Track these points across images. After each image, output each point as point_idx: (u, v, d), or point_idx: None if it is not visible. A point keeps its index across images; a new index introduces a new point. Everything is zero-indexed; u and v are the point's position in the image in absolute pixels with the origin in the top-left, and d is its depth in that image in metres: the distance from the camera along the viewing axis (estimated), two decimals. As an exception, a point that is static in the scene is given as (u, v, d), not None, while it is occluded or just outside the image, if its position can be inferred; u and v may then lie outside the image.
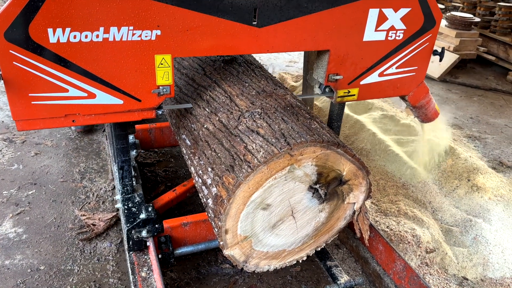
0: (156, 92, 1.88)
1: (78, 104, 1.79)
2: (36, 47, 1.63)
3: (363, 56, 2.19)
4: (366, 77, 2.25)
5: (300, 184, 1.84)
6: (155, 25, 1.77)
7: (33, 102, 1.72)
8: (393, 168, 3.57)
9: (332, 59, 2.13)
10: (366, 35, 2.15)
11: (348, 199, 1.99)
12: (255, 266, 1.99)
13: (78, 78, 1.74)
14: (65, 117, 1.80)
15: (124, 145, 2.20)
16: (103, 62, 1.74)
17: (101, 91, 1.80)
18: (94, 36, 1.69)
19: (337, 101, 2.27)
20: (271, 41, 2.01)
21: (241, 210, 1.77)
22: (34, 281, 2.41)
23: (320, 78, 2.22)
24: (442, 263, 2.72)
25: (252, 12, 1.90)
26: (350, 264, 2.63)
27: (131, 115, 1.92)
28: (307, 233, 2.01)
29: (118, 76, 1.79)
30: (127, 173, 2.29)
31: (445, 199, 3.26)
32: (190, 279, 2.49)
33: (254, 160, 1.71)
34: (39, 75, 1.68)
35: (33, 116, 1.75)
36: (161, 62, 1.84)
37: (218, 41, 1.91)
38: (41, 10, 1.57)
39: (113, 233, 2.81)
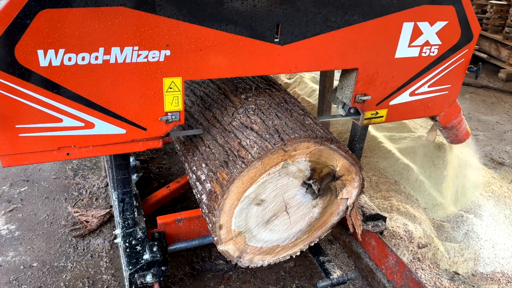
0: (164, 119, 1.70)
1: (74, 135, 1.60)
2: (23, 72, 1.42)
3: (394, 74, 2.02)
4: (396, 97, 2.08)
5: (293, 179, 1.84)
6: (164, 44, 1.57)
7: (21, 134, 1.51)
8: (386, 165, 3.59)
9: (360, 78, 1.95)
10: (399, 52, 1.99)
11: (341, 194, 2.00)
12: (249, 261, 2.00)
13: (73, 106, 1.54)
14: (58, 151, 1.61)
15: (126, 176, 2.00)
16: (103, 88, 1.55)
17: (100, 120, 1.60)
18: (92, 58, 1.49)
19: (363, 124, 2.09)
20: (295, 60, 1.82)
21: (235, 206, 1.78)
22: (27, 278, 2.40)
23: (345, 98, 2.03)
24: (434, 258, 2.75)
25: (274, 28, 1.72)
26: (343, 259, 2.65)
27: (135, 146, 1.73)
28: (301, 228, 2.02)
29: (121, 103, 1.60)
30: (129, 206, 2.10)
31: (437, 195, 3.29)
32: (184, 275, 2.49)
33: (248, 155, 1.72)
34: (28, 104, 1.47)
35: (20, 150, 1.54)
36: (170, 86, 1.65)
37: (235, 61, 1.72)
38: (29, 29, 1.37)
39: (106, 230, 2.81)
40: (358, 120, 2.10)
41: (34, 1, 1.34)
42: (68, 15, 1.39)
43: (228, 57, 1.70)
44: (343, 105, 2.08)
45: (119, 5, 1.45)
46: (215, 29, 1.63)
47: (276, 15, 1.70)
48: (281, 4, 1.69)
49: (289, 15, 1.72)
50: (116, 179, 1.99)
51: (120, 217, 2.12)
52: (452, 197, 3.21)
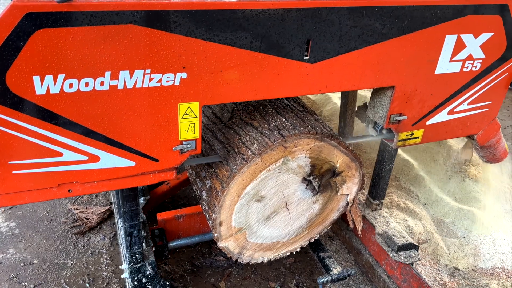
0: (179, 148, 1.53)
1: (76, 170, 1.43)
2: (16, 102, 1.24)
3: (432, 92, 1.86)
4: (434, 116, 1.92)
5: (294, 176, 1.84)
6: (180, 66, 1.39)
7: (15, 171, 1.33)
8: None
9: (396, 97, 1.79)
10: (439, 67, 1.82)
11: (341, 190, 2.00)
12: (250, 257, 2.00)
13: (75, 138, 1.37)
14: (58, 188, 1.44)
15: (134, 208, 1.84)
16: (109, 117, 1.37)
17: (106, 152, 1.43)
18: (97, 84, 1.30)
19: (397, 146, 1.94)
20: (325, 80, 1.64)
21: (235, 202, 1.77)
22: (28, 275, 2.40)
23: (378, 118, 1.86)
24: (434, 253, 2.75)
25: (304, 44, 1.54)
26: (343, 255, 2.66)
27: (145, 179, 1.56)
28: (301, 224, 2.02)
29: (130, 133, 1.43)
30: (137, 239, 1.92)
31: (437, 190, 3.29)
32: (184, 272, 2.49)
33: (248, 152, 1.72)
34: (22, 137, 1.29)
35: (14, 189, 1.37)
36: (186, 112, 1.48)
37: (259, 83, 1.54)
38: (22, 53, 1.18)
39: (107, 227, 2.81)
40: (390, 141, 1.95)
41: (28, 20, 1.15)
42: (68, 35, 1.21)
43: (251, 79, 1.52)
44: (374, 124, 1.94)
45: (128, 23, 1.27)
46: (238, 47, 1.45)
47: (307, 30, 1.51)
48: (313, 17, 1.50)
49: (322, 30, 1.54)
50: (123, 211, 1.84)
51: (127, 251, 1.95)
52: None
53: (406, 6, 1.63)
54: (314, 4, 1.48)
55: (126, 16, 1.26)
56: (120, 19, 1.26)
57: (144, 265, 1.96)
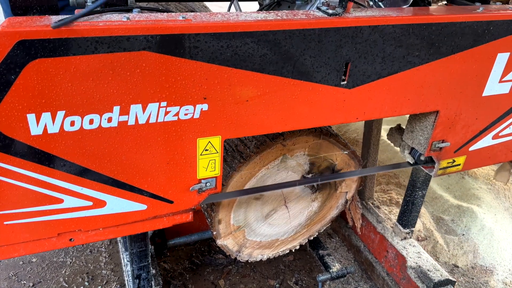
0: (196, 188, 1.37)
1: (78, 217, 1.27)
2: (7, 144, 1.07)
3: (478, 116, 1.69)
4: (477, 142, 1.77)
5: (292, 173, 1.84)
6: (201, 97, 1.22)
7: (7, 222, 1.17)
8: (384, 158, 3.58)
9: (440, 123, 1.62)
10: (487, 89, 1.65)
11: (340, 188, 2.00)
12: (249, 255, 1.99)
13: (77, 182, 1.20)
14: (58, 237, 1.28)
15: (143, 248, 1.69)
16: (118, 156, 1.21)
17: (114, 196, 1.27)
18: (104, 121, 1.13)
19: (438, 175, 1.77)
20: (364, 106, 1.47)
21: (234, 201, 1.77)
22: (27, 273, 2.40)
23: (417, 145, 1.71)
24: (433, 251, 2.75)
25: (343, 68, 1.36)
26: (342, 253, 2.66)
27: (158, 223, 1.40)
28: (300, 222, 2.02)
29: (141, 173, 1.27)
30: (145, 282, 1.78)
31: (437, 187, 3.29)
32: (184, 269, 2.49)
33: (246, 150, 1.71)
34: (14, 184, 1.13)
35: (7, 241, 1.21)
36: (205, 148, 1.31)
37: (289, 112, 1.37)
38: (14, 87, 1.01)
39: (106, 225, 2.81)
40: (429, 169, 1.79)
41: (21, 49, 0.98)
42: (69, 66, 1.04)
43: (281, 108, 1.35)
44: (411, 150, 1.78)
45: (141, 49, 1.09)
46: (267, 73, 1.27)
47: (346, 52, 1.34)
48: (353, 37, 1.32)
49: (363, 51, 1.36)
50: (131, 253, 1.69)
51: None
52: None
53: (457, 23, 1.45)
54: (355, 22, 1.31)
55: (139, 41, 1.08)
56: (132, 45, 1.08)
57: None
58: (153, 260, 2.10)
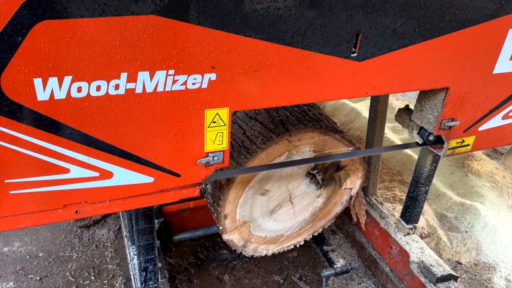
0: (204, 161, 1.35)
1: (85, 188, 1.25)
2: (14, 110, 1.05)
3: (488, 94, 1.67)
4: (487, 121, 1.75)
5: (298, 169, 1.85)
6: (209, 65, 1.19)
7: (13, 191, 1.15)
8: (388, 155, 3.60)
9: (450, 100, 1.60)
10: (498, 66, 1.62)
11: (345, 184, 2.01)
12: (254, 250, 2.01)
13: (84, 152, 1.18)
14: (64, 209, 1.26)
15: (150, 241, 1.71)
16: (125, 126, 1.18)
17: (121, 167, 1.25)
18: (111, 88, 1.11)
19: (447, 155, 1.75)
20: (374, 80, 1.45)
21: (240, 196, 1.79)
22: (33, 267, 2.43)
23: (427, 124, 1.69)
24: (436, 248, 2.77)
25: (353, 39, 1.33)
26: (346, 249, 2.67)
27: (165, 196, 1.38)
28: (305, 218, 2.04)
29: (148, 145, 1.25)
30: (152, 274, 1.80)
31: (440, 185, 3.30)
32: (189, 265, 2.51)
33: (252, 146, 1.73)
34: (21, 152, 1.10)
35: (13, 212, 1.19)
36: (213, 120, 1.29)
37: (299, 84, 1.34)
38: (20, 50, 0.98)
39: (111, 220, 2.83)
40: (439, 150, 1.76)
41: (27, 10, 0.95)
42: (77, 28, 1.01)
43: (290, 80, 1.32)
44: (420, 130, 1.76)
45: (149, 13, 1.06)
46: (276, 43, 1.24)
47: (357, 22, 1.31)
48: (365, 7, 1.30)
49: (374, 22, 1.33)
50: (138, 246, 1.72)
51: (142, 287, 1.83)
52: None
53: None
54: None
55: (147, 4, 1.04)
56: (140, 8, 1.04)
57: None
58: (159, 254, 2.12)
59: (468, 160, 3.48)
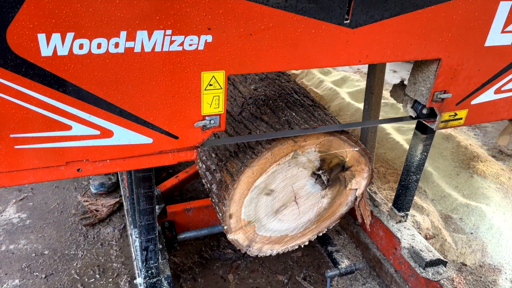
0: (201, 124, 1.38)
1: (86, 146, 1.28)
2: (19, 64, 1.08)
3: (480, 67, 1.70)
4: (479, 95, 1.77)
5: (303, 170, 1.85)
6: (205, 27, 1.21)
7: (17, 146, 1.19)
8: (393, 156, 3.59)
9: (442, 72, 1.63)
10: (489, 39, 1.64)
11: (350, 185, 2.01)
12: (258, 250, 2.02)
13: (86, 110, 1.22)
14: (67, 166, 1.29)
15: (151, 221, 1.77)
16: (125, 85, 1.22)
17: (120, 126, 1.28)
18: (111, 46, 1.14)
19: (439, 128, 1.80)
20: (367, 48, 1.47)
21: (245, 195, 1.79)
22: (39, 265, 2.44)
23: (420, 96, 1.72)
24: (441, 249, 2.76)
25: (346, 5, 1.35)
26: (350, 250, 2.67)
27: (163, 158, 1.41)
28: (310, 218, 2.04)
29: (147, 105, 1.28)
30: (153, 254, 1.86)
31: (445, 186, 3.28)
32: (193, 264, 2.52)
33: (258, 146, 1.73)
34: (26, 107, 1.14)
35: (17, 167, 1.22)
36: (210, 83, 1.32)
37: (293, 50, 1.36)
38: (25, 4, 1.01)
39: (116, 219, 2.84)
40: (432, 123, 1.81)
41: None
42: None
43: (284, 45, 1.34)
44: (414, 103, 1.79)
45: None
46: (271, 6, 1.25)
47: None
48: None
49: None
50: (139, 225, 1.77)
51: (142, 265, 1.88)
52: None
53: None
54: None
55: None
56: None
57: (160, 280, 1.89)
58: (160, 237, 2.17)
59: (473, 161, 3.46)
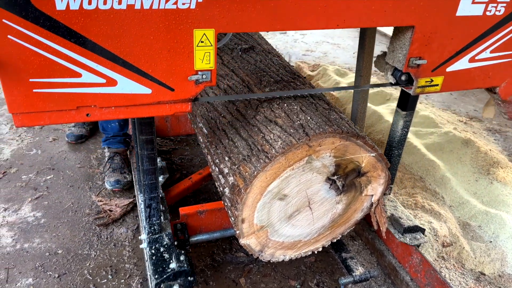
0: (194, 78, 1.52)
1: (94, 93, 1.43)
2: (38, 16, 1.22)
3: (453, 36, 1.79)
4: (454, 63, 1.87)
5: (317, 175, 1.82)
6: None
7: (35, 90, 1.35)
8: (411, 160, 3.51)
9: (416, 39, 1.73)
10: (461, 9, 1.72)
11: (366, 191, 1.97)
12: (271, 255, 1.99)
13: (94, 60, 1.37)
14: (77, 110, 1.44)
15: (153, 181, 1.96)
16: (126, 38, 1.37)
17: (123, 76, 1.43)
18: (115, 2, 1.28)
19: (416, 92, 1.90)
20: (343, 13, 1.58)
21: (258, 200, 1.76)
22: (52, 264, 2.45)
23: (397, 62, 1.83)
24: (459, 257, 2.68)
25: None
26: (365, 256, 2.62)
27: (161, 109, 1.56)
28: (324, 224, 2.00)
29: (146, 58, 1.43)
30: (155, 211, 2.05)
31: (464, 192, 3.20)
32: (205, 266, 2.50)
33: (272, 150, 1.70)
34: (43, 54, 1.30)
35: (35, 109, 1.38)
36: (201, 40, 1.45)
37: (275, 11, 1.49)
38: None
39: (130, 219, 2.84)
40: (410, 88, 1.91)
41: None
42: None
43: (268, 7, 1.46)
44: (393, 71, 1.89)
45: None
46: None
47: None
48: None
49: None
50: (143, 184, 1.95)
51: (146, 222, 2.06)
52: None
53: None
54: None
55: None
56: None
57: (161, 236, 2.06)
58: (162, 201, 2.34)
59: (493, 167, 3.37)
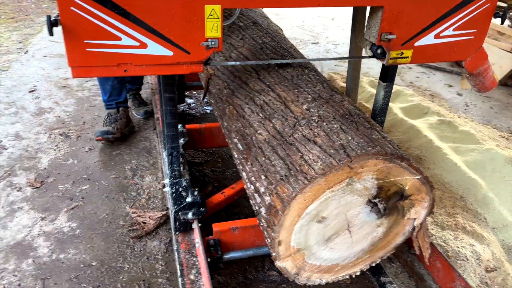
0: (205, 44, 1.83)
1: (130, 53, 1.77)
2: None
3: (419, 15, 2.04)
4: (421, 39, 2.12)
5: (358, 197, 1.75)
6: None
7: (88, 49, 1.70)
8: (451, 179, 3.37)
9: (386, 17, 1.99)
10: None
11: (408, 214, 1.88)
12: (307, 279, 1.92)
13: (131, 27, 1.72)
14: (118, 66, 1.78)
15: (174, 133, 2.33)
16: (155, 11, 1.71)
17: (152, 41, 1.77)
18: None
19: (389, 63, 2.14)
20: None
21: (295, 222, 1.71)
22: (87, 276, 2.47)
23: (372, 37, 2.10)
24: (504, 283, 2.54)
25: None
26: (403, 279, 2.51)
27: (180, 68, 1.89)
28: (363, 248, 1.92)
29: (169, 27, 1.76)
30: (176, 159, 2.38)
31: (508, 214, 3.04)
32: (237, 284, 2.46)
33: (311, 171, 1.65)
34: (95, 22, 1.66)
35: (87, 64, 1.74)
36: (210, 13, 1.76)
37: None
38: None
39: (163, 232, 2.84)
40: (383, 60, 2.16)
41: None
42: None
43: None
44: (371, 45, 2.15)
45: None
46: None
47: None
48: None
49: None
50: (167, 135, 2.33)
51: (168, 168, 2.39)
52: None
53: None
54: None
55: None
56: None
57: (180, 181, 2.41)
58: (183, 156, 2.72)
59: (541, 188, 3.19)
